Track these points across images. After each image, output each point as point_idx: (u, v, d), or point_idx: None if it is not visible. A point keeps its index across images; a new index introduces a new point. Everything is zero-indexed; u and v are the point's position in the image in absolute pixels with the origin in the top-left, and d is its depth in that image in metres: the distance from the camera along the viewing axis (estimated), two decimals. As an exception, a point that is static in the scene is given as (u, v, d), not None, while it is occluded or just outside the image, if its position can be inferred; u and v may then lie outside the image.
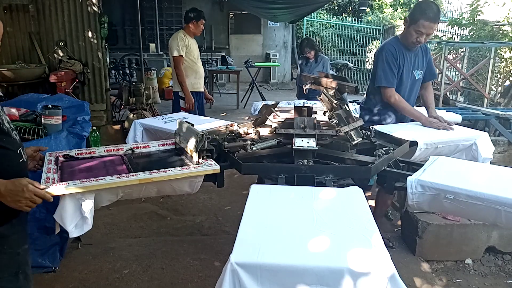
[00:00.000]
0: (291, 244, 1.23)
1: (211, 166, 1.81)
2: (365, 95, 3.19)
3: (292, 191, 1.65)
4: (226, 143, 2.11)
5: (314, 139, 2.04)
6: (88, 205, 1.57)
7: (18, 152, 1.42)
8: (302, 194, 1.61)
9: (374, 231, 1.29)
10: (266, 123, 2.77)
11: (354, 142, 2.12)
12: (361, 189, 1.66)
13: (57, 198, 1.55)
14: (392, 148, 2.11)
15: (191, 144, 1.91)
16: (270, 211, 1.46)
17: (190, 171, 1.75)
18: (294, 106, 2.47)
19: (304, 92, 5.36)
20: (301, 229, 1.33)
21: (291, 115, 2.74)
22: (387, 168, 1.98)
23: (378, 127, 2.52)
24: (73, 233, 1.55)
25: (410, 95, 2.86)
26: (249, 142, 2.17)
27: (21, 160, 1.43)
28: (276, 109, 2.88)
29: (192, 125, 2.03)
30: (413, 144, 2.30)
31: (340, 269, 1.10)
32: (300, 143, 2.02)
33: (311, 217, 1.40)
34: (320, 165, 1.96)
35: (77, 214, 1.56)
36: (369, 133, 2.41)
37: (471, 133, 2.63)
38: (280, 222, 1.38)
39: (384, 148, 2.12)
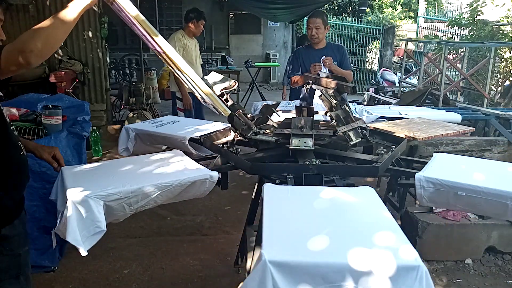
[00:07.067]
0: (320, 242, 1.21)
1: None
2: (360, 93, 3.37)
3: (305, 191, 1.63)
4: (236, 116, 2.12)
5: (311, 139, 2.03)
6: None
7: (19, 145, 1.41)
8: (316, 193, 1.58)
9: (397, 230, 1.31)
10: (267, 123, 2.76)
11: (352, 143, 2.11)
12: (373, 189, 1.65)
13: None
14: (394, 146, 2.11)
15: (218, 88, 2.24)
16: (290, 210, 1.45)
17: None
18: (296, 106, 2.47)
19: (306, 92, 5.42)
20: (325, 228, 1.30)
21: (292, 115, 2.73)
22: (390, 166, 1.97)
23: (373, 125, 2.51)
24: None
25: None
26: (254, 129, 2.15)
27: (21, 153, 1.41)
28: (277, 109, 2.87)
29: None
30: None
31: (372, 267, 1.11)
32: (297, 143, 2.01)
33: (332, 216, 1.40)
34: (328, 164, 1.95)
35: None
36: (365, 131, 2.39)
37: None
38: (303, 221, 1.36)
39: (386, 147, 2.11)
